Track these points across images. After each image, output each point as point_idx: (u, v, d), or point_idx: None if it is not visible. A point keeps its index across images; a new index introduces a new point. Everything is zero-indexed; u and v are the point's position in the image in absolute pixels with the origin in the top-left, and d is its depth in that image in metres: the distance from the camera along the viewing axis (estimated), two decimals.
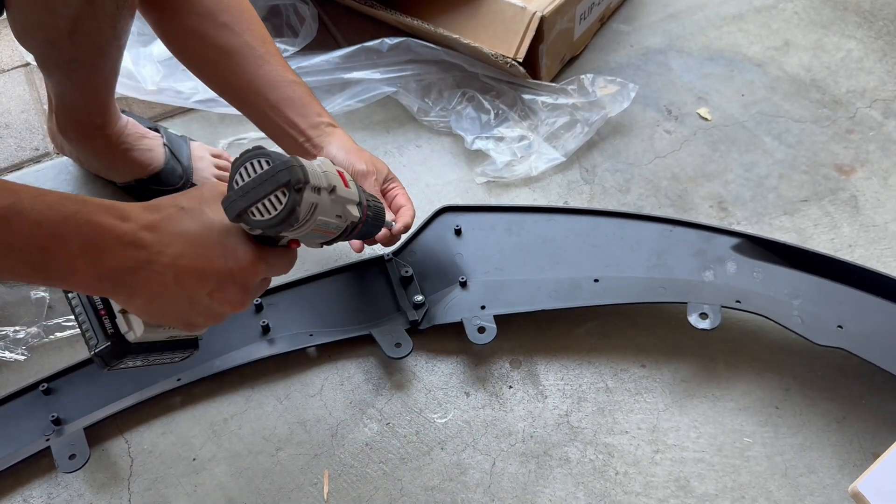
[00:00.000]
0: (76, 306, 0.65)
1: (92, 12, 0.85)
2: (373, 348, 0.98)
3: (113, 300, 0.64)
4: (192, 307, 0.63)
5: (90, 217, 0.57)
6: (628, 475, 0.89)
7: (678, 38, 1.38)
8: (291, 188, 0.60)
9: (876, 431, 0.90)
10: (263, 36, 0.91)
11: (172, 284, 0.60)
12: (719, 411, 0.93)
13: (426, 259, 1.02)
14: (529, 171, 1.17)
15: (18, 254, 0.55)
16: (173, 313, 0.63)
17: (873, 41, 1.35)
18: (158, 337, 0.68)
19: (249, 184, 0.60)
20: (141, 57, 1.25)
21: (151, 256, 0.59)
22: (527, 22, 1.18)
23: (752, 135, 1.22)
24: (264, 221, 0.60)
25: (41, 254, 0.55)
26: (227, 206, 0.61)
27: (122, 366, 0.67)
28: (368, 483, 0.89)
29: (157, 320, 0.64)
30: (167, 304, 0.62)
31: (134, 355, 0.67)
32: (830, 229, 1.09)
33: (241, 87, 0.91)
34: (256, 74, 0.89)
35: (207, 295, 0.62)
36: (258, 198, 0.60)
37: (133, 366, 0.68)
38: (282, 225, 0.60)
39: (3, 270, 0.56)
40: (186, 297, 0.61)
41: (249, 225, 0.62)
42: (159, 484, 0.90)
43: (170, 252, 0.60)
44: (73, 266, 0.56)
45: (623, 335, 1.00)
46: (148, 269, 0.59)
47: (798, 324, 0.91)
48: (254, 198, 0.60)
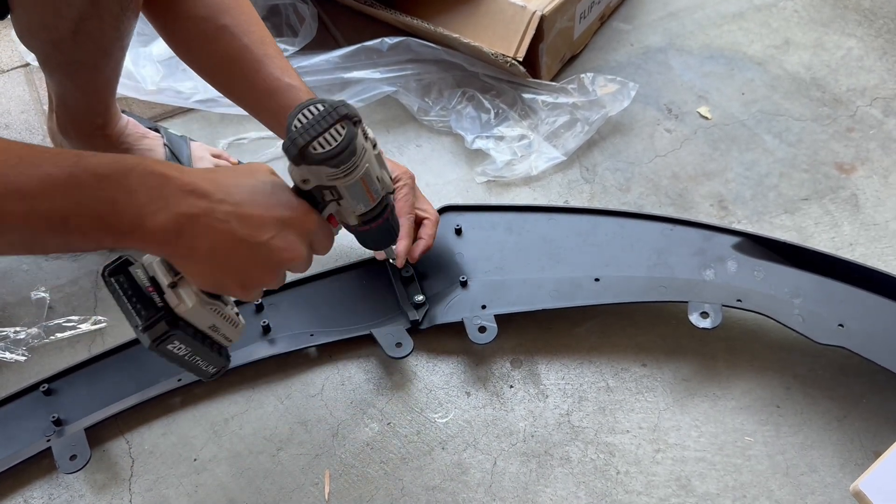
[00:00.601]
0: (122, 284, 0.66)
1: (96, 13, 0.85)
2: (373, 348, 0.98)
3: (173, 258, 0.64)
4: (252, 256, 0.63)
5: (152, 168, 0.59)
6: (629, 474, 0.88)
7: (678, 37, 1.38)
8: (349, 121, 0.65)
9: (877, 430, 0.90)
10: (263, 37, 0.90)
11: (234, 231, 0.62)
12: (720, 410, 0.93)
13: (427, 259, 1.02)
14: (530, 171, 1.17)
15: (89, 210, 0.56)
16: (233, 265, 0.64)
17: (873, 39, 1.35)
18: (205, 320, 0.68)
19: (308, 123, 0.64)
20: (141, 57, 1.25)
21: (213, 205, 0.61)
22: (527, 21, 1.18)
23: (753, 133, 1.22)
24: (326, 153, 0.63)
25: (111, 206, 0.57)
26: (288, 146, 0.64)
27: (168, 344, 0.67)
28: (369, 483, 0.89)
29: (215, 278, 0.65)
30: (228, 254, 0.62)
31: (181, 335, 0.67)
32: (831, 228, 1.09)
33: (241, 92, 0.92)
34: (255, 80, 0.88)
35: (267, 242, 0.63)
36: (319, 132, 0.63)
37: (175, 350, 0.68)
38: (342, 155, 0.64)
39: (76, 231, 0.57)
40: (247, 246, 0.62)
41: (310, 161, 0.64)
42: (160, 484, 0.90)
43: (230, 200, 0.62)
44: (141, 216, 0.58)
45: (624, 334, 1.00)
46: (211, 216, 0.60)
47: (799, 322, 0.91)
48: (315, 133, 0.63)
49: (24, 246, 0.58)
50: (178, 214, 0.59)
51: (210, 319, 0.69)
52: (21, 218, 0.55)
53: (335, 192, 0.69)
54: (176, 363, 0.70)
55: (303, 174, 0.66)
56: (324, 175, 0.66)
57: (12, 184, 0.54)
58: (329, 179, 0.67)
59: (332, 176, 0.66)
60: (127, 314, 0.66)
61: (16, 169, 0.54)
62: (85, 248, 0.60)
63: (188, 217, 0.60)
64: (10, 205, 0.54)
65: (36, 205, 0.55)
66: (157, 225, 0.58)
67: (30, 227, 0.56)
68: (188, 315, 0.67)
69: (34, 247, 0.58)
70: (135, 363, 0.96)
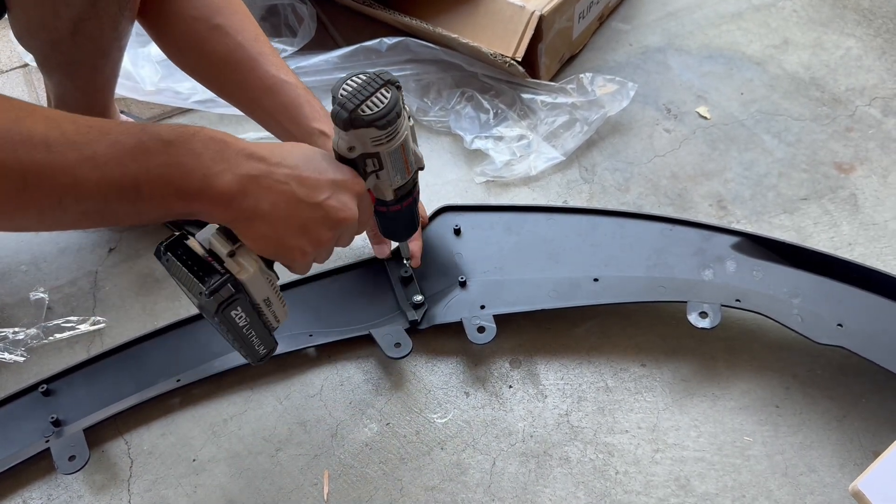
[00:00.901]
0: (180, 256, 0.67)
1: (94, 13, 0.85)
2: (372, 348, 0.98)
3: (237, 222, 0.66)
4: (310, 215, 0.67)
5: (212, 134, 0.62)
6: (628, 474, 0.88)
7: (677, 37, 1.38)
8: (393, 85, 0.71)
9: (876, 430, 0.90)
10: (257, 35, 0.90)
11: (293, 192, 0.66)
12: (719, 410, 0.93)
13: (425, 259, 1.02)
14: (529, 171, 1.17)
15: (158, 174, 0.58)
16: (294, 224, 0.67)
17: (872, 39, 1.35)
18: (262, 291, 0.71)
19: (355, 89, 0.70)
20: (139, 58, 1.25)
21: (271, 168, 0.65)
22: (525, 21, 1.18)
23: (752, 133, 1.22)
24: (375, 114, 0.69)
25: (179, 169, 0.59)
26: (337, 111, 0.69)
27: (232, 310, 0.68)
28: (368, 483, 0.89)
29: (276, 238, 0.67)
30: (289, 213, 0.66)
31: (244, 301, 0.69)
32: (830, 228, 1.09)
33: (236, 91, 0.91)
34: (250, 78, 0.88)
35: (323, 202, 0.68)
36: (367, 95, 0.69)
37: (237, 318, 0.69)
38: (389, 115, 0.70)
39: (147, 196, 0.59)
40: (306, 205, 0.67)
41: (359, 124, 0.69)
42: (159, 485, 0.90)
43: (286, 164, 0.66)
44: (208, 177, 0.61)
45: (623, 334, 1.00)
46: (270, 178, 0.64)
47: (798, 322, 0.91)
48: (363, 96, 0.69)
49: (98, 214, 0.59)
50: (241, 176, 0.62)
51: (266, 291, 0.72)
52: (95, 185, 0.56)
53: (377, 161, 0.74)
54: (231, 336, 0.72)
55: (350, 140, 0.71)
56: (369, 140, 0.71)
57: (86, 152, 0.56)
58: (374, 145, 0.72)
59: (376, 140, 0.71)
60: (188, 284, 0.67)
61: (86, 137, 0.56)
62: (155, 214, 0.61)
63: (250, 178, 0.63)
64: (85, 172, 0.55)
65: (108, 171, 0.56)
66: (223, 185, 0.61)
67: (103, 195, 0.57)
68: (249, 282, 0.69)
69: (106, 215, 0.59)
70: (134, 364, 0.96)
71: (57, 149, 0.54)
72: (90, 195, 0.57)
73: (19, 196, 0.54)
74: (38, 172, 0.54)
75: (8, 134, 0.53)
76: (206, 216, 0.64)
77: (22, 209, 0.55)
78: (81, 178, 0.55)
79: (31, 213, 0.56)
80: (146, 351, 0.97)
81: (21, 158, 0.53)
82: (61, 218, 0.57)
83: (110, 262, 1.10)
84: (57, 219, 0.57)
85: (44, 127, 0.55)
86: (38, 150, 0.54)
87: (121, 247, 1.12)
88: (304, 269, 0.74)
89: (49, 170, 0.54)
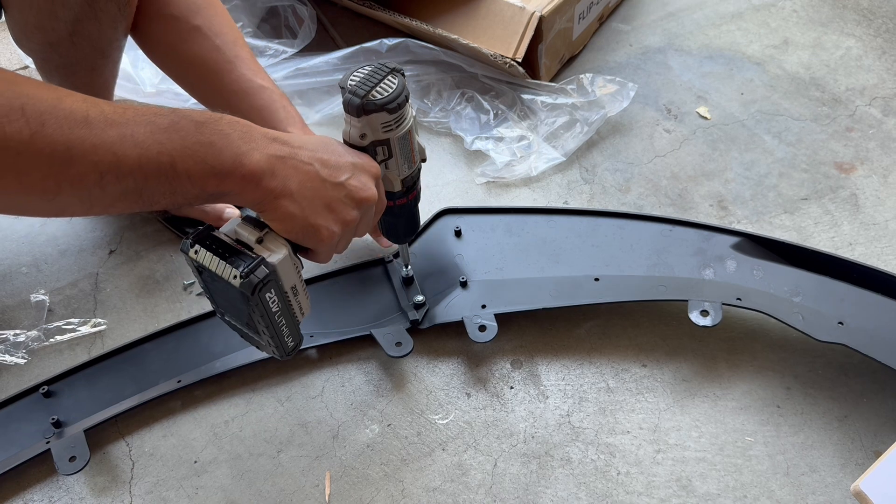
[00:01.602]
0: (210, 246, 0.69)
1: (92, 14, 0.84)
2: (373, 350, 0.98)
3: (266, 202, 0.67)
4: (335, 194, 0.70)
5: (237, 119, 0.65)
6: (630, 475, 0.88)
7: (677, 37, 1.38)
8: (399, 73, 0.75)
9: (878, 430, 0.90)
10: (235, 38, 0.90)
11: (318, 172, 0.68)
12: (721, 410, 0.93)
13: (427, 260, 1.02)
14: (529, 172, 1.17)
15: (193, 152, 0.60)
16: (320, 203, 0.69)
17: (872, 39, 1.35)
18: (291, 277, 0.72)
19: (363, 77, 0.74)
20: (140, 59, 1.25)
21: (294, 150, 0.68)
22: (525, 22, 1.18)
23: (752, 133, 1.22)
24: (385, 98, 0.73)
25: (211, 148, 0.61)
26: (349, 98, 0.73)
27: (267, 292, 0.69)
28: (370, 484, 0.89)
29: (304, 218, 0.68)
30: (315, 192, 0.68)
31: (277, 285, 0.70)
32: (831, 227, 1.09)
33: (211, 94, 0.91)
34: (226, 81, 0.88)
35: (346, 182, 0.71)
36: (376, 82, 0.73)
37: (271, 303, 0.70)
38: (399, 99, 0.73)
39: (183, 174, 0.60)
40: (330, 185, 0.69)
41: (370, 109, 0.73)
42: (160, 487, 0.90)
43: (308, 147, 0.69)
44: (238, 155, 0.63)
45: (624, 335, 1.00)
46: (296, 159, 0.67)
47: (799, 320, 0.91)
48: (372, 84, 0.73)
49: (136, 194, 0.59)
50: (269, 156, 0.65)
51: (293, 278, 0.73)
52: (135, 162, 0.57)
53: (387, 149, 0.77)
54: (263, 324, 0.72)
55: (362, 127, 0.74)
56: (379, 126, 0.74)
57: (125, 130, 0.57)
58: (384, 131, 0.75)
59: (386, 126, 0.75)
60: (221, 271, 0.68)
61: (123, 117, 0.58)
62: (190, 194, 0.62)
63: (278, 158, 0.65)
64: (125, 149, 0.57)
65: (146, 149, 0.58)
66: (253, 164, 0.63)
67: (142, 172, 0.58)
68: (279, 266, 0.70)
69: (144, 195, 0.60)
70: (135, 365, 0.96)
71: (98, 125, 0.56)
72: (130, 172, 0.58)
73: (63, 172, 0.55)
74: (82, 147, 0.55)
75: (53, 110, 0.54)
76: (236, 196, 0.65)
77: (65, 188, 0.56)
78: (122, 155, 0.57)
79: (72, 193, 0.56)
80: (147, 352, 0.97)
81: (65, 133, 0.54)
82: (101, 198, 0.58)
83: (111, 264, 1.10)
84: (96, 199, 0.58)
85: (84, 106, 0.56)
86: (80, 127, 0.55)
87: (121, 249, 1.12)
88: (328, 254, 0.75)
89: (91, 145, 0.55)
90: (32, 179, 0.54)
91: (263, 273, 0.68)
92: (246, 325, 0.75)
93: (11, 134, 0.52)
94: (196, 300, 1.06)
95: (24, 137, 0.52)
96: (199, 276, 0.72)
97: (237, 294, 0.69)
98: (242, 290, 0.68)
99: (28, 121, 0.52)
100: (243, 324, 0.75)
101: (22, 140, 0.52)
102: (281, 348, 0.76)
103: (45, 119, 0.53)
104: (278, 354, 0.77)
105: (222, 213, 1.08)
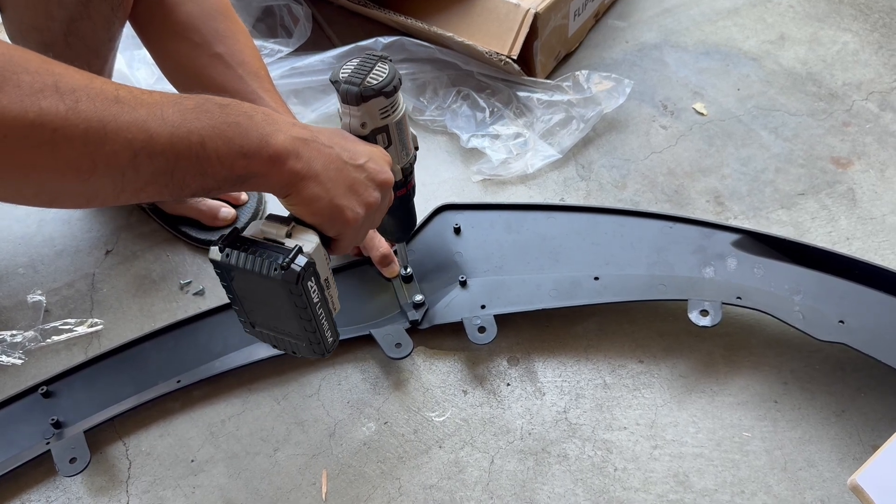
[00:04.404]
0: (242, 247, 0.68)
1: (87, 14, 0.85)
2: (370, 348, 0.98)
3: (291, 185, 0.67)
4: (357, 175, 0.71)
5: (256, 106, 0.66)
6: (627, 471, 0.88)
7: (673, 33, 1.38)
8: (388, 60, 0.77)
9: (875, 424, 0.90)
10: (257, 70, 0.90)
11: (339, 154, 0.70)
12: (718, 406, 0.93)
13: (426, 258, 1.02)
14: (525, 169, 1.17)
15: (220, 132, 0.61)
16: (344, 184, 0.70)
17: (869, 33, 1.34)
18: (323, 268, 0.72)
19: (354, 69, 0.76)
20: (135, 59, 1.25)
21: (315, 134, 0.69)
22: (520, 19, 1.18)
23: (749, 129, 1.22)
24: (380, 83, 0.75)
25: (237, 128, 0.62)
26: (346, 89, 0.74)
27: (309, 280, 0.68)
28: (367, 482, 0.89)
29: (330, 199, 0.69)
30: (338, 173, 0.69)
31: (314, 274, 0.70)
32: (828, 222, 1.09)
33: None
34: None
35: (365, 165, 0.72)
36: (368, 70, 0.75)
37: (312, 292, 0.70)
38: (394, 82, 0.75)
39: (212, 154, 0.60)
40: (351, 167, 0.71)
41: (367, 96, 0.74)
42: (157, 486, 0.90)
43: (325, 135, 0.71)
44: (264, 135, 0.63)
45: (621, 331, 1.00)
46: (317, 142, 0.68)
47: (799, 319, 0.90)
48: (365, 72, 0.75)
49: (167, 176, 0.59)
50: (292, 137, 0.66)
51: (325, 270, 0.73)
52: (167, 140, 0.58)
53: (387, 136, 0.79)
54: (305, 318, 0.71)
55: (362, 116, 0.76)
56: (378, 112, 0.76)
57: (155, 110, 0.57)
58: (382, 117, 0.77)
59: (384, 111, 0.76)
60: (258, 268, 0.67)
61: (151, 98, 0.58)
62: (219, 175, 0.62)
63: (301, 140, 0.66)
64: (156, 127, 0.57)
65: (176, 129, 0.58)
66: (279, 144, 0.64)
67: (173, 151, 0.58)
68: (314, 254, 0.70)
69: (175, 177, 0.60)
70: (133, 365, 0.96)
71: (128, 104, 0.56)
72: (161, 151, 0.57)
73: (98, 150, 0.54)
74: (116, 124, 0.54)
75: (86, 88, 0.54)
76: (262, 179, 0.65)
77: (99, 166, 0.55)
78: (154, 133, 0.57)
79: (106, 172, 0.56)
80: (146, 352, 0.97)
81: (99, 110, 0.54)
82: (134, 179, 0.57)
83: (107, 264, 1.10)
84: (129, 180, 0.57)
85: (113, 86, 0.56)
86: (112, 105, 0.55)
87: (118, 249, 1.12)
88: (352, 240, 0.75)
89: (125, 122, 0.55)
90: (68, 157, 0.53)
91: (304, 261, 0.67)
92: (281, 330, 0.74)
93: (47, 109, 0.51)
94: (192, 300, 1.06)
95: (61, 112, 0.52)
96: (228, 282, 0.71)
97: (278, 289, 0.68)
98: (286, 281, 0.67)
99: (62, 97, 0.52)
100: (278, 328, 0.74)
101: (58, 115, 0.51)
102: (322, 344, 0.75)
103: (78, 96, 0.53)
104: (318, 352, 0.76)
105: (217, 213, 1.09)
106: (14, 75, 0.50)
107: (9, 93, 0.49)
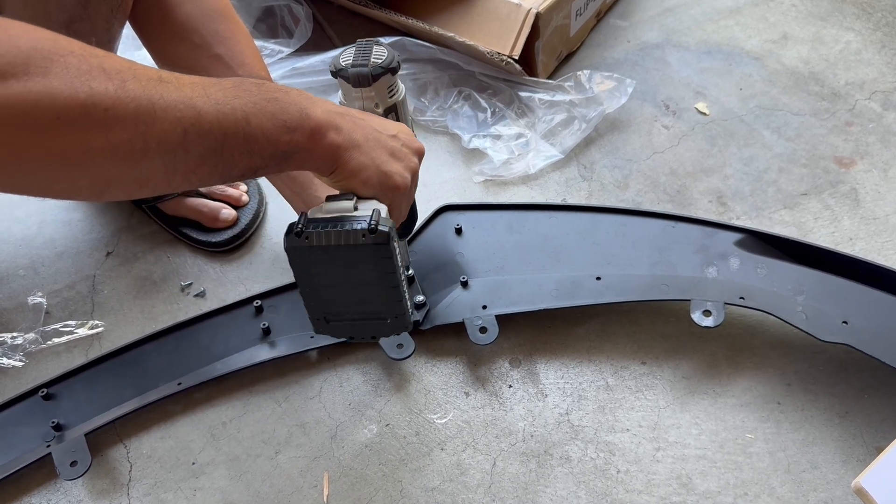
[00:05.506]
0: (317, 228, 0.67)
1: (86, 15, 0.84)
2: (371, 350, 0.98)
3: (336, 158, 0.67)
4: (393, 144, 0.72)
5: (287, 86, 0.66)
6: (630, 473, 0.88)
7: (675, 33, 1.37)
8: (384, 44, 0.81)
9: (879, 426, 0.89)
10: (258, 72, 0.90)
11: (374, 126, 0.71)
12: (721, 408, 0.92)
13: (427, 259, 1.02)
14: (527, 169, 1.17)
15: (262, 108, 0.61)
16: (385, 151, 0.71)
17: (872, 32, 1.34)
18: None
19: (356, 54, 0.79)
20: (135, 60, 1.25)
21: (347, 108, 0.71)
22: (522, 19, 1.18)
23: (751, 129, 1.21)
24: (385, 61, 0.78)
25: (277, 104, 0.62)
26: (355, 73, 0.77)
27: (393, 241, 0.67)
28: (368, 485, 0.88)
29: (377, 166, 0.69)
30: (377, 143, 0.71)
31: (395, 235, 0.68)
32: (831, 223, 1.08)
33: None
34: None
35: (397, 135, 0.73)
36: (368, 53, 0.78)
37: (398, 253, 0.68)
38: (396, 59, 0.79)
39: (257, 130, 0.60)
40: (386, 137, 0.72)
41: (376, 75, 0.77)
42: (158, 489, 0.89)
43: (356, 110, 0.73)
44: (303, 109, 0.64)
45: (623, 332, 0.99)
46: (351, 115, 0.70)
47: (802, 320, 0.90)
48: (366, 55, 0.78)
49: (216, 156, 0.59)
50: (328, 111, 0.66)
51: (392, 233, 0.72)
52: (214, 118, 0.58)
53: (395, 115, 0.81)
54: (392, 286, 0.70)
55: (374, 97, 0.79)
56: (386, 91, 0.79)
57: (199, 90, 0.58)
58: (390, 94, 0.80)
59: (391, 90, 0.80)
60: (346, 238, 0.66)
61: (191, 79, 0.59)
62: (266, 152, 0.62)
63: (337, 114, 0.67)
64: (202, 104, 0.57)
65: (221, 105, 0.58)
66: (318, 116, 0.64)
67: (221, 129, 0.58)
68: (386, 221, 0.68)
69: (224, 156, 0.59)
70: (134, 367, 0.95)
71: (172, 84, 0.56)
72: (210, 130, 0.57)
73: (150, 129, 0.54)
74: (164, 102, 0.54)
75: (130, 69, 0.54)
76: (307, 155, 0.65)
77: (151, 147, 0.55)
78: (201, 110, 0.57)
79: (158, 154, 0.55)
80: (146, 354, 0.96)
81: (147, 90, 0.54)
82: (185, 160, 0.57)
83: (108, 266, 1.10)
84: (180, 162, 0.57)
85: (154, 69, 0.56)
86: (157, 84, 0.55)
87: (118, 250, 1.12)
88: (405, 207, 0.75)
89: (173, 100, 0.55)
90: (121, 138, 0.53)
91: (385, 223, 0.66)
92: (363, 311, 0.73)
93: (97, 89, 0.51)
94: (193, 301, 1.05)
95: (111, 92, 0.51)
96: (307, 269, 0.69)
97: (366, 257, 0.67)
98: (376, 244, 0.65)
99: (110, 77, 0.52)
100: (360, 310, 0.73)
101: (108, 95, 0.51)
102: (406, 314, 0.74)
103: (124, 76, 0.53)
104: (403, 324, 0.75)
105: (218, 214, 1.08)
106: (61, 58, 0.50)
107: (59, 74, 0.49)
